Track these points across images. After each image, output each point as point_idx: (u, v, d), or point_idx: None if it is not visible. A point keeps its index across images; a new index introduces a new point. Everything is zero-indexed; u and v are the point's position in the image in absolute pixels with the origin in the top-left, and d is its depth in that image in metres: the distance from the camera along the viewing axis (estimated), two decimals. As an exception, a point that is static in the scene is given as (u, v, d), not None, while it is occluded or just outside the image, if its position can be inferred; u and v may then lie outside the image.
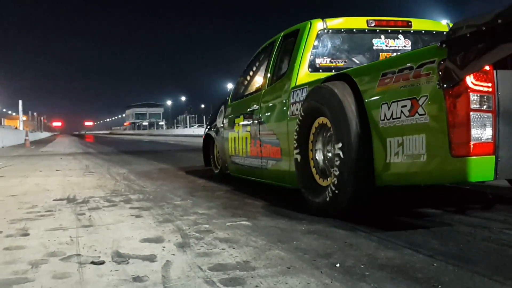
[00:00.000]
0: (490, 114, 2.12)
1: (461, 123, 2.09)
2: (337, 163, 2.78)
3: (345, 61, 4.11)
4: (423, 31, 4.32)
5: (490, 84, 2.13)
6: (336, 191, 2.79)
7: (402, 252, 2.19)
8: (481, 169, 2.12)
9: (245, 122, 4.41)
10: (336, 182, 2.79)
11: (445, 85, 2.15)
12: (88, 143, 22.30)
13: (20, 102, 30.54)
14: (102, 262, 2.17)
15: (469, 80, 2.10)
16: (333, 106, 2.82)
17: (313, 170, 3.20)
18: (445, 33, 3.54)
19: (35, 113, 51.79)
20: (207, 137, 5.70)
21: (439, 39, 3.75)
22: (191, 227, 2.82)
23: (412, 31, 4.26)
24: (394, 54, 4.02)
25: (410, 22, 4.32)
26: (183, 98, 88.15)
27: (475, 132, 2.09)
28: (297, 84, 3.64)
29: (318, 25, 3.92)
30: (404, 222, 2.85)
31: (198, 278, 1.94)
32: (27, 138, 21.61)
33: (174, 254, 2.27)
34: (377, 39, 4.28)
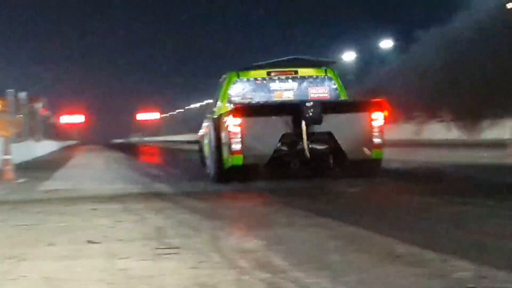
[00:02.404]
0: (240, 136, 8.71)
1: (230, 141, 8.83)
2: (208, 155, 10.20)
3: (250, 99, 9.72)
4: (306, 76, 9.93)
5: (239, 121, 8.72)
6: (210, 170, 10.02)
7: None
8: (237, 159, 8.51)
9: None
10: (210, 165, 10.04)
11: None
12: (152, 168, 16.28)
13: None
14: None
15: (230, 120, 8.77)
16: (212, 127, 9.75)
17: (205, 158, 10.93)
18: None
19: (23, 94, 25.74)
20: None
21: (318, 80, 9.96)
22: None
23: (298, 77, 9.85)
24: (285, 92, 9.78)
25: (297, 70, 9.92)
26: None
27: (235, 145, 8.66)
28: (219, 112, 9.77)
29: (234, 75, 9.76)
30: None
31: None
32: (7, 157, 12.64)
33: None
34: (273, 83, 9.79)
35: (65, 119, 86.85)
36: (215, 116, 9.93)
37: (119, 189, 9.53)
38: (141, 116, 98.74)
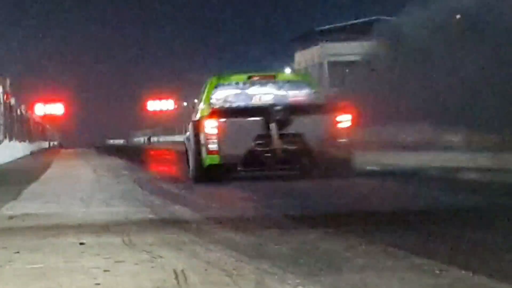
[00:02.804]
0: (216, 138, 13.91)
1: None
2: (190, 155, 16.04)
3: (230, 103, 14.73)
4: (284, 80, 15.57)
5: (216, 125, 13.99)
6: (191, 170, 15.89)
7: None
8: (213, 158, 13.51)
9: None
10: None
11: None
12: (166, 182, 16.54)
13: None
14: None
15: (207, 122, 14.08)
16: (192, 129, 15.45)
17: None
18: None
19: None
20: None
21: (295, 84, 15.51)
22: None
23: (277, 81, 15.21)
24: (264, 96, 14.69)
25: (276, 75, 15.80)
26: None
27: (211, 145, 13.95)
28: (200, 115, 15.11)
29: (216, 79, 15.11)
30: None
31: None
32: None
33: None
34: (253, 88, 14.80)
35: (41, 109, 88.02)
36: (195, 119, 15.25)
37: (118, 214, 9.67)
38: (152, 106, 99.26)
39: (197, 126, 14.05)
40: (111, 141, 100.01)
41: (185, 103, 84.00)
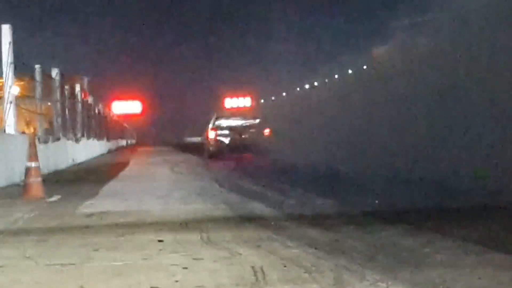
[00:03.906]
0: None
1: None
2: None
3: (222, 124, 33.53)
4: (245, 115, 36.49)
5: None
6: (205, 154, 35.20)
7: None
8: (212, 147, 32.15)
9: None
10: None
11: None
12: (245, 179, 16.34)
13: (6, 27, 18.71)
14: None
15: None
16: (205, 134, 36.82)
17: None
18: None
19: (55, 71, 25.96)
20: None
21: (251, 116, 34.95)
22: None
23: (242, 115, 35.62)
24: (236, 122, 32.80)
25: (242, 113, 41.62)
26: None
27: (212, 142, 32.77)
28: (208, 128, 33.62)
29: (216, 115, 33.92)
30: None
31: None
32: (33, 165, 12.52)
33: None
34: (232, 118, 33.56)
35: (118, 107, 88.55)
36: (207, 130, 31.72)
37: (196, 211, 9.75)
38: (230, 103, 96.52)
39: (207, 133, 30.94)
40: (189, 139, 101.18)
41: (262, 100, 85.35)
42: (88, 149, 34.30)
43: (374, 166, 16.54)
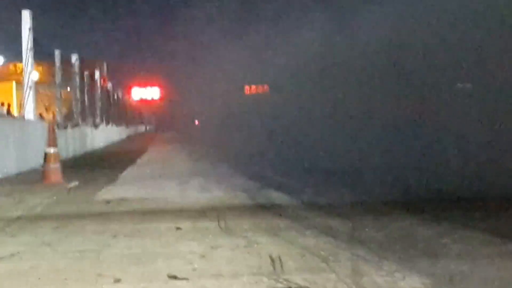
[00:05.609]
0: None
1: None
2: None
3: None
4: None
5: None
6: None
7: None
8: None
9: None
10: None
11: None
12: (262, 166, 15.67)
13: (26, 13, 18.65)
14: None
15: None
16: None
17: None
18: None
19: (75, 57, 26.41)
20: None
21: None
22: None
23: None
24: None
25: None
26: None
27: None
28: None
29: None
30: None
31: None
32: (52, 151, 12.70)
33: None
34: None
35: (137, 93, 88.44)
36: None
37: (214, 199, 9.76)
38: (249, 90, 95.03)
39: None
40: None
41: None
42: (107, 135, 34.53)
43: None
